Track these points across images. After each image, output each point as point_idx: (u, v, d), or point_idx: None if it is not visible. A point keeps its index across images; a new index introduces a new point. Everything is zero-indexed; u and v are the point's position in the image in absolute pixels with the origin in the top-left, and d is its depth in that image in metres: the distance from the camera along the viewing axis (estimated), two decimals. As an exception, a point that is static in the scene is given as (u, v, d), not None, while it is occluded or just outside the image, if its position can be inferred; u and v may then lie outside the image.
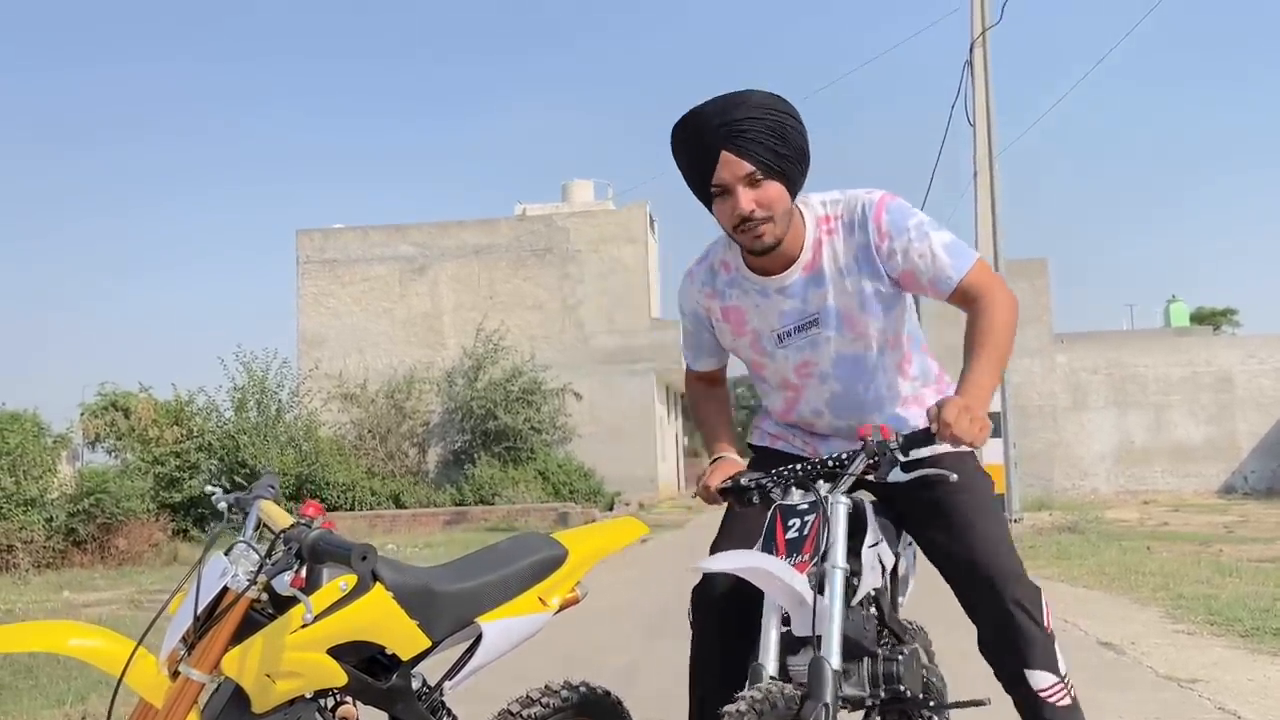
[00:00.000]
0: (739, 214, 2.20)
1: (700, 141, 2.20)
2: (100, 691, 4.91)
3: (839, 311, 2.35)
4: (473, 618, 2.07)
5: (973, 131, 15.34)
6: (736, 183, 2.19)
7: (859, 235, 2.31)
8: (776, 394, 2.56)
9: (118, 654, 1.70)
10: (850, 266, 2.32)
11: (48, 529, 12.96)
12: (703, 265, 2.51)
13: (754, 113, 2.16)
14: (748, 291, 2.41)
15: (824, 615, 2.08)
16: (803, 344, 2.41)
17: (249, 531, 1.90)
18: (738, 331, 2.48)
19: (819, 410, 2.50)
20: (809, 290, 2.35)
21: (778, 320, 2.39)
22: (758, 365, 2.53)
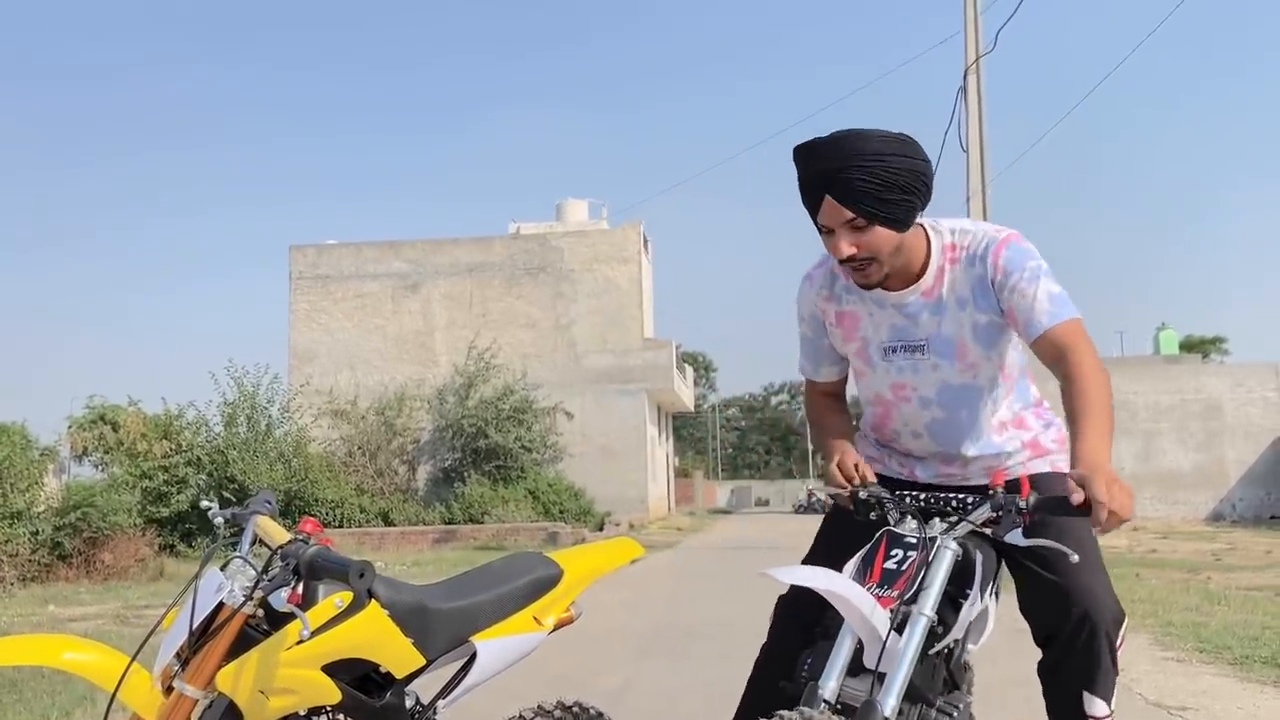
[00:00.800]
0: (840, 256, 2.24)
1: (807, 181, 2.24)
2: (86, 707, 4.87)
3: (951, 340, 2.37)
4: (467, 636, 2.07)
5: (966, 158, 15.42)
6: (838, 227, 2.22)
7: (979, 268, 2.32)
8: (870, 408, 2.60)
9: (112, 668, 1.69)
10: (966, 298, 2.34)
11: (33, 542, 12.86)
12: (822, 269, 2.52)
13: (859, 160, 2.16)
14: (864, 299, 2.43)
15: (893, 657, 2.05)
16: (904, 365, 2.43)
17: (245, 547, 1.89)
18: (849, 337, 2.50)
19: (917, 433, 2.51)
20: (923, 314, 2.37)
21: (888, 334, 2.43)
22: (859, 374, 2.56)
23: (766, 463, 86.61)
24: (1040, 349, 2.27)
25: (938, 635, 2.17)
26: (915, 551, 2.14)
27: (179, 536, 17.93)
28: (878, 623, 2.06)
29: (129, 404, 21.50)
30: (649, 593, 10.24)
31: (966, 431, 2.46)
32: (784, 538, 21.31)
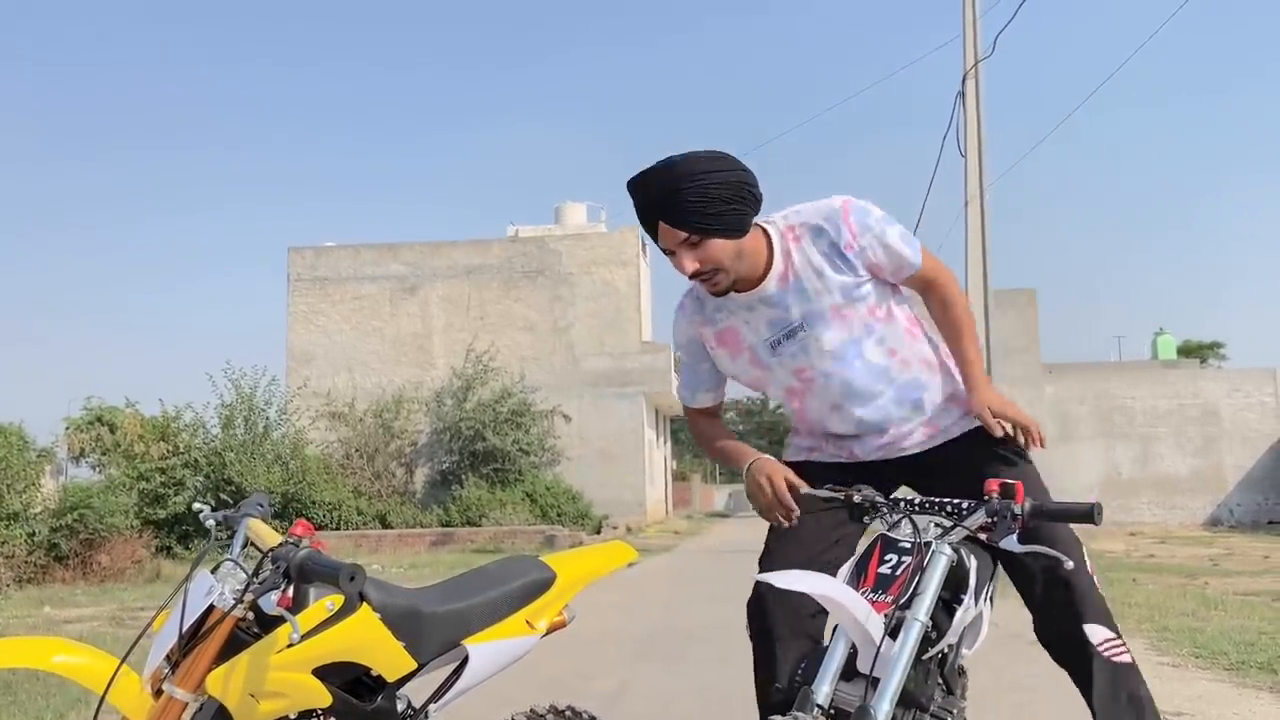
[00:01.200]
0: (685, 274, 2.42)
1: (642, 211, 2.40)
2: (79, 710, 4.86)
3: (822, 310, 2.51)
4: (459, 640, 2.06)
5: (964, 162, 15.44)
6: (677, 247, 2.39)
7: (828, 236, 2.48)
8: (787, 404, 2.70)
9: (102, 671, 1.68)
10: (821, 266, 2.49)
11: (29, 544, 12.84)
12: (689, 296, 2.65)
13: (681, 183, 2.32)
14: (735, 310, 2.55)
15: (887, 662, 2.04)
16: (794, 350, 2.54)
17: (236, 550, 1.89)
18: (735, 351, 2.59)
19: (837, 404, 2.58)
20: (788, 297, 2.51)
21: (767, 329, 2.54)
22: (761, 381, 2.65)
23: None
24: (913, 283, 2.59)
25: (932, 640, 2.17)
26: (910, 556, 2.14)
27: (176, 538, 17.91)
28: (872, 627, 2.05)
29: (126, 405, 21.46)
30: (645, 596, 10.23)
31: (871, 392, 2.56)
32: (781, 541, 21.27)
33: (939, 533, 2.18)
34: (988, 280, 15.36)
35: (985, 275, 15.30)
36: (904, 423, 2.61)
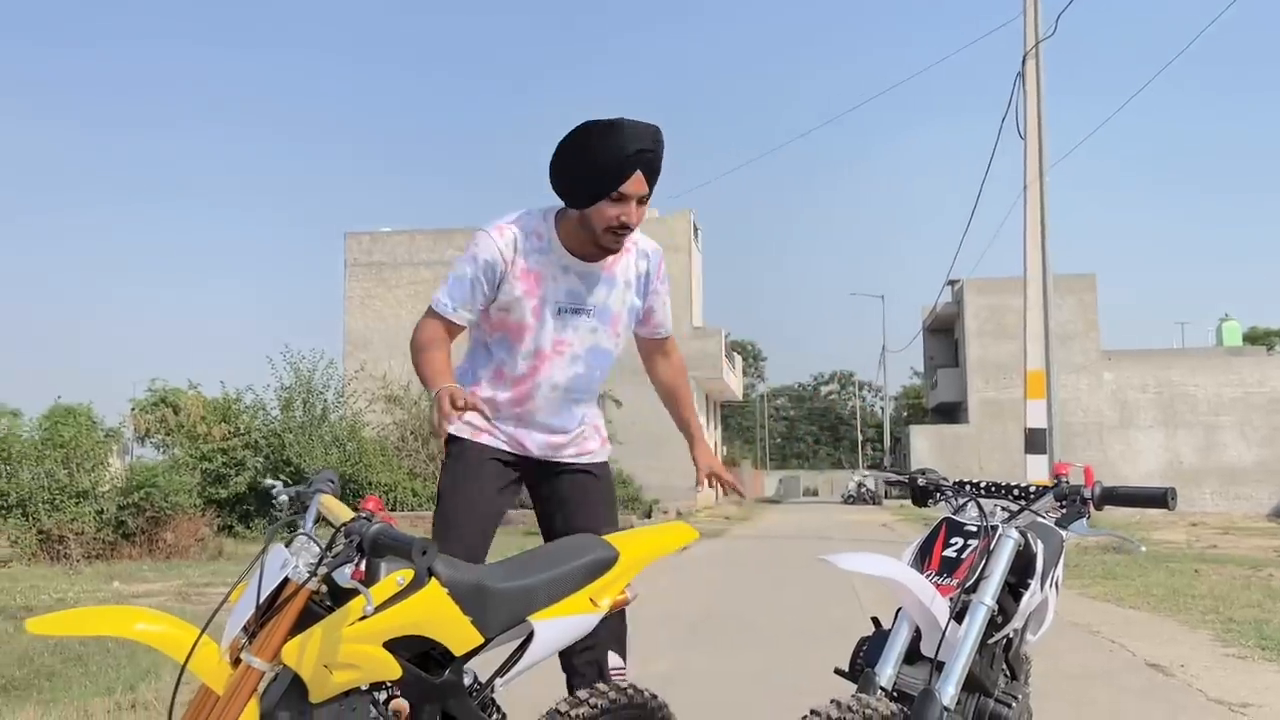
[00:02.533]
0: (624, 221, 2.66)
1: (622, 154, 2.60)
2: (149, 680, 4.99)
3: (611, 312, 2.86)
4: (524, 616, 2.09)
5: (1024, 144, 15.17)
6: (634, 199, 2.65)
7: (646, 265, 2.92)
8: (520, 361, 2.82)
9: (182, 640, 1.74)
10: (631, 283, 2.89)
11: (98, 521, 13.19)
12: (515, 225, 2.81)
13: (658, 147, 2.65)
14: (552, 262, 2.79)
15: (953, 646, 2.04)
16: (570, 323, 2.82)
17: (309, 524, 1.93)
18: (529, 291, 2.78)
19: (556, 385, 2.83)
20: (597, 286, 2.83)
21: (564, 296, 2.80)
22: (524, 329, 2.81)
23: (815, 452, 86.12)
24: (658, 344, 3.10)
25: (997, 625, 2.15)
26: (975, 540, 2.13)
27: (237, 518, 18.28)
28: (937, 611, 2.04)
29: (189, 387, 21.95)
30: (697, 579, 10.25)
31: (588, 390, 2.93)
32: (833, 528, 21.21)
33: (1005, 516, 2.16)
34: (1047, 265, 15.09)
35: (1044, 260, 15.04)
36: (575, 435, 2.92)
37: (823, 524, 23.58)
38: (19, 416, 20.29)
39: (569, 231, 2.78)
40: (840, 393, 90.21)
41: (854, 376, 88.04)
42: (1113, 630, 6.51)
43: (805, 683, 4.76)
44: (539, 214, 2.85)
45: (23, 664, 5.45)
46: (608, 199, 2.65)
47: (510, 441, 2.86)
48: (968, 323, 39.69)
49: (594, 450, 2.97)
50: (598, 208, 2.67)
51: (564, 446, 2.91)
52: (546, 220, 2.83)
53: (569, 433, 2.90)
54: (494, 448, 2.85)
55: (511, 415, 2.85)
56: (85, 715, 4.30)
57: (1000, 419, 36.86)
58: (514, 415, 2.85)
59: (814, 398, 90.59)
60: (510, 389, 2.84)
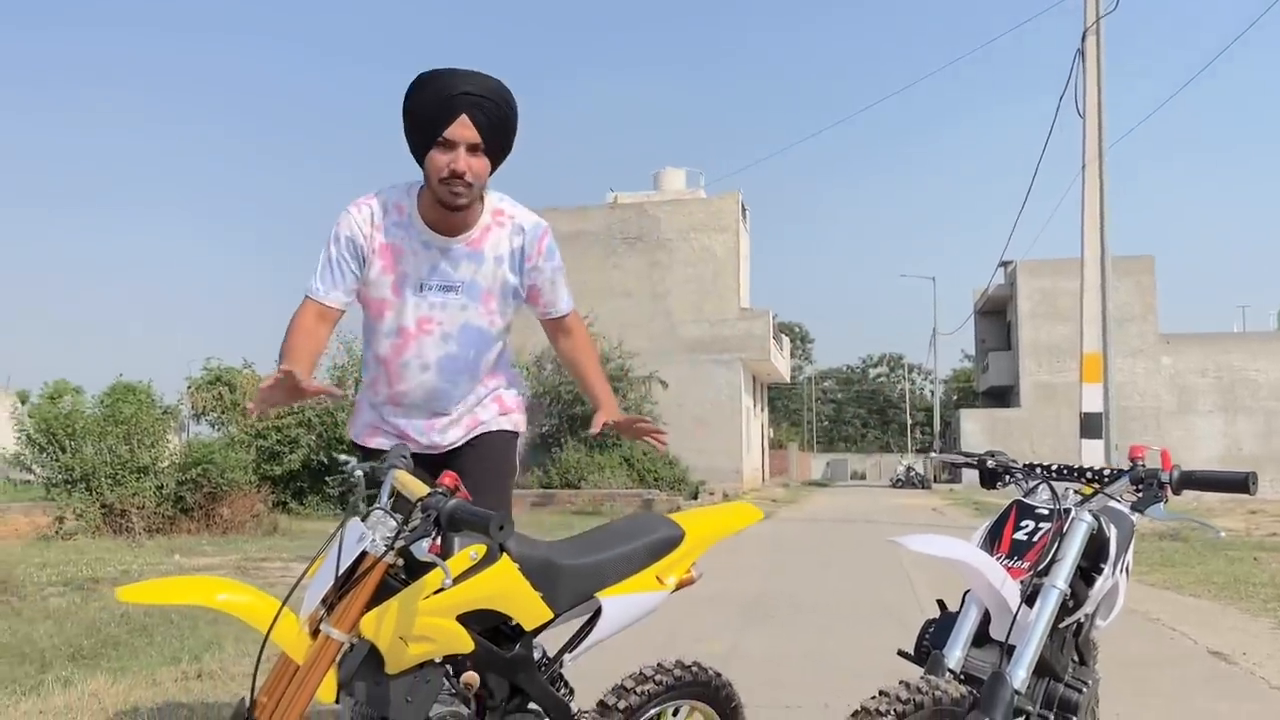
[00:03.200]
0: (453, 169, 2.52)
1: (448, 97, 2.50)
2: (214, 652, 5.11)
3: (481, 288, 2.72)
4: (593, 592, 2.11)
5: (1083, 123, 14.87)
6: (462, 144, 2.52)
7: (521, 240, 2.75)
8: (384, 341, 2.74)
9: (263, 611, 1.78)
10: (503, 258, 2.74)
11: (158, 496, 13.49)
12: (374, 200, 2.71)
13: (493, 96, 2.54)
14: (412, 237, 2.68)
15: (1024, 629, 2.02)
16: (435, 301, 2.70)
17: (384, 499, 1.96)
18: (387, 268, 2.68)
19: (426, 365, 2.72)
20: (463, 261, 2.70)
21: (427, 272, 2.69)
22: (384, 306, 2.71)
23: (863, 435, 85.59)
24: (555, 324, 2.94)
25: (1068, 609, 2.13)
26: (1047, 523, 2.10)
27: (291, 494, 18.57)
28: (1008, 594, 2.03)
29: (244, 366, 22.29)
30: (748, 561, 10.25)
31: (466, 369, 2.77)
32: (881, 511, 21.08)
33: (1079, 500, 2.13)
34: (1105, 246, 14.80)
35: (1102, 241, 14.76)
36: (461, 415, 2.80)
37: (871, 507, 23.46)
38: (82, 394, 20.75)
39: (429, 204, 2.67)
40: (889, 375, 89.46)
41: (903, 359, 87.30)
42: (1173, 618, 6.42)
43: (860, 664, 4.76)
44: (403, 187, 2.75)
45: (91, 633, 5.61)
46: (436, 146, 2.54)
47: (398, 433, 2.77)
48: (1021, 305, 39.13)
49: (485, 421, 2.82)
50: (430, 157, 2.57)
51: (449, 428, 2.78)
52: (410, 194, 2.72)
53: (449, 415, 2.78)
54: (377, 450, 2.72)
55: (390, 402, 2.78)
56: (154, 683, 4.41)
57: (1053, 403, 36.35)
58: (393, 401, 2.77)
59: (862, 380, 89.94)
60: (383, 370, 2.76)
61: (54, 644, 5.28)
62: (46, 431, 14.09)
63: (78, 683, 4.39)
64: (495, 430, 2.83)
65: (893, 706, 1.89)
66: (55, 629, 5.74)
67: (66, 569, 8.92)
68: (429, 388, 2.74)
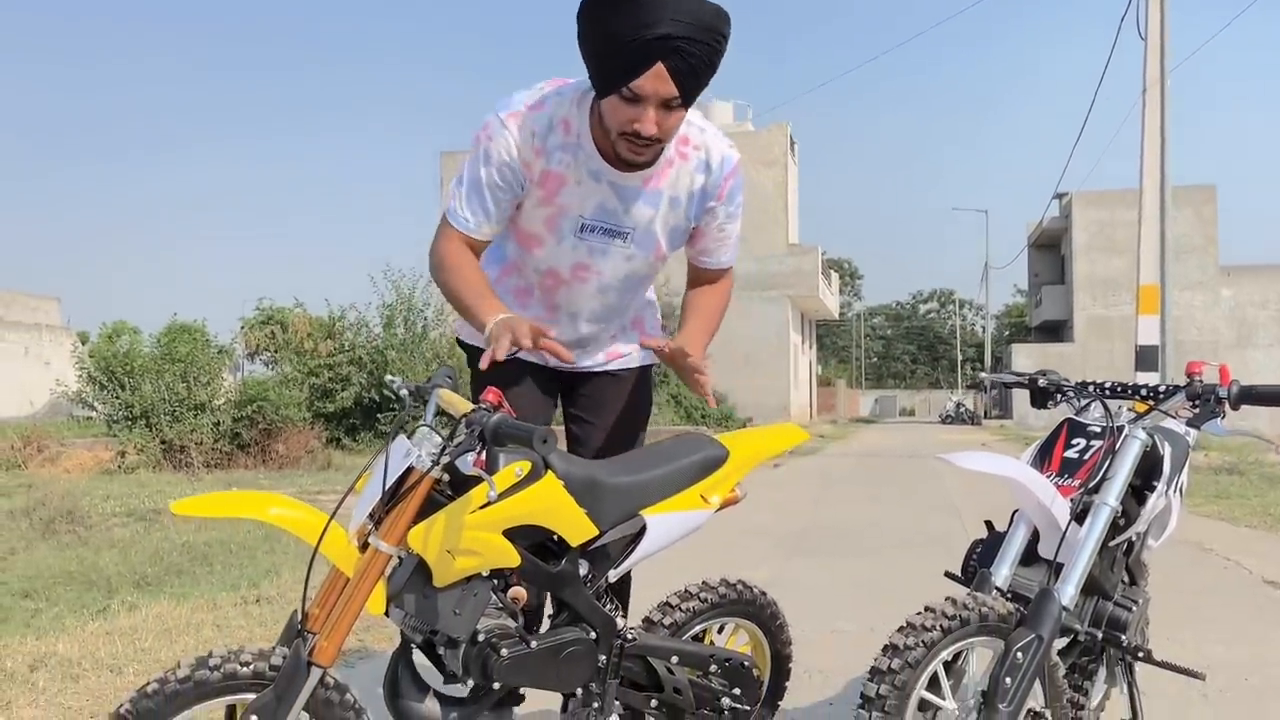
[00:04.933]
0: (638, 130, 2.05)
1: (640, 38, 1.95)
2: (271, 579, 5.25)
3: (654, 235, 2.31)
4: (637, 510, 2.12)
5: (1144, 45, 14.36)
6: (654, 99, 2.02)
7: (704, 180, 2.27)
8: (530, 273, 2.37)
9: (313, 525, 1.80)
10: (680, 200, 2.28)
11: (215, 432, 13.83)
12: (537, 112, 2.18)
13: (704, 36, 1.98)
14: (579, 164, 2.19)
15: (1073, 547, 2.00)
16: (597, 247, 2.29)
17: (429, 416, 1.97)
18: (546, 199, 2.23)
19: (575, 314, 2.41)
20: (637, 203, 2.25)
21: (592, 210, 2.24)
22: (534, 242, 2.31)
23: (913, 372, 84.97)
24: (706, 274, 2.46)
25: (1120, 528, 2.10)
26: (1099, 440, 2.07)
27: (344, 430, 18.92)
28: (1058, 512, 2.00)
29: (295, 306, 22.59)
30: (794, 495, 10.27)
31: (618, 315, 2.48)
32: (930, 447, 20.97)
33: (1132, 417, 2.09)
34: (1165, 175, 14.38)
35: (1163, 170, 14.33)
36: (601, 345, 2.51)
37: (919, 443, 23.35)
38: (140, 333, 21.22)
39: (602, 125, 2.15)
40: (940, 311, 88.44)
41: (954, 295, 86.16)
42: (1226, 548, 6.34)
43: (907, 590, 4.77)
44: (572, 95, 2.19)
45: (154, 561, 5.79)
46: (618, 94, 2.03)
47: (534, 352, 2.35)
48: (1076, 237, 38.29)
49: (626, 354, 2.54)
50: (610, 102, 2.06)
51: (585, 356, 2.49)
52: (581, 106, 2.18)
53: (595, 347, 2.50)
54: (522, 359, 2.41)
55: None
56: (214, 607, 4.55)
57: (1108, 337, 35.72)
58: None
59: (912, 316, 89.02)
60: (518, 298, 2.41)
61: (119, 571, 5.46)
62: (106, 370, 14.47)
63: (142, 606, 4.54)
64: (635, 366, 2.55)
65: (938, 622, 1.89)
66: (120, 557, 5.93)
67: (129, 501, 9.20)
68: (575, 334, 2.43)
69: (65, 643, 3.84)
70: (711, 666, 2.23)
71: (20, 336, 33.05)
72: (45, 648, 3.77)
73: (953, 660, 1.96)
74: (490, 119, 2.19)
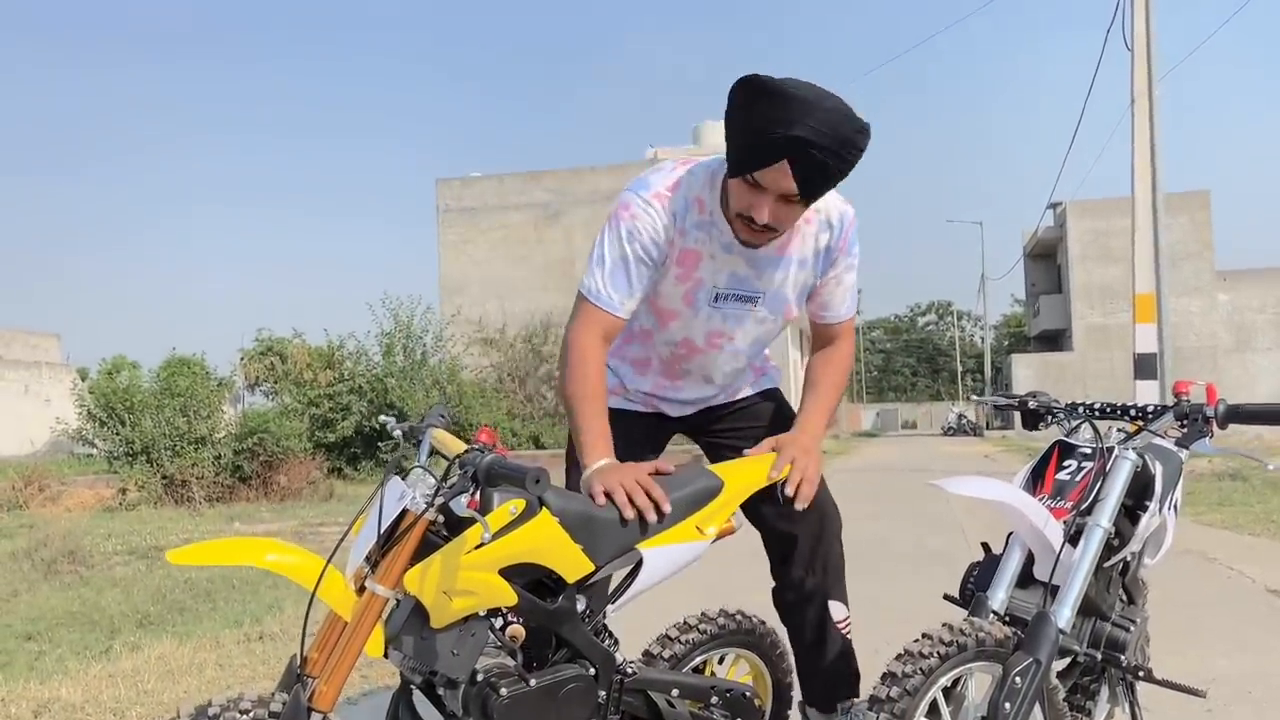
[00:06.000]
0: (753, 215, 2.12)
1: (772, 131, 2.01)
2: (274, 614, 5.25)
3: (784, 297, 2.37)
4: (633, 544, 2.12)
5: (1131, 56, 14.45)
6: (774, 191, 2.08)
7: (828, 235, 2.33)
8: (660, 348, 2.44)
9: (310, 570, 1.81)
10: (807, 260, 2.34)
11: (216, 465, 13.83)
12: (676, 193, 2.26)
13: (837, 146, 2.02)
14: (713, 239, 2.27)
15: (1068, 569, 2.01)
16: (730, 313, 2.36)
17: (424, 457, 1.98)
18: (685, 276, 2.30)
19: (709, 378, 2.49)
20: (769, 268, 2.31)
21: (725, 280, 2.31)
22: (671, 317, 2.38)
23: (913, 384, 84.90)
24: (822, 330, 2.47)
25: (1114, 548, 2.11)
26: (1090, 462, 2.08)
27: (345, 460, 18.92)
28: (1051, 534, 2.01)
29: (294, 336, 22.65)
30: (797, 513, 10.22)
31: (745, 372, 2.55)
32: (933, 460, 20.95)
33: (1122, 437, 2.10)
34: (1157, 183, 14.44)
35: (1154, 177, 14.39)
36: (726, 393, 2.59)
37: (922, 456, 23.32)
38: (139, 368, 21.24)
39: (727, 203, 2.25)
40: (938, 323, 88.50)
41: (952, 306, 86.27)
42: (1230, 557, 6.33)
43: (911, 610, 4.75)
44: (704, 175, 2.27)
45: (157, 600, 5.79)
46: (743, 179, 2.11)
47: (645, 404, 2.55)
48: (1071, 247, 38.37)
49: (746, 392, 2.62)
50: (735, 183, 2.14)
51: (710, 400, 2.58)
52: (713, 185, 2.26)
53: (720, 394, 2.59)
54: (629, 410, 2.51)
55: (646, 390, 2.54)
56: (217, 645, 4.54)
57: (1106, 345, 35.74)
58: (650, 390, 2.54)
59: (911, 329, 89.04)
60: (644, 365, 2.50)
61: (121, 610, 5.46)
62: (106, 406, 14.49)
63: (145, 647, 4.54)
64: (758, 391, 2.62)
65: (935, 649, 1.89)
66: (122, 596, 5.93)
67: (131, 538, 9.19)
68: (702, 393, 2.52)
69: (69, 687, 3.84)
70: (713, 698, 2.23)
71: (20, 374, 33.05)
72: (49, 693, 3.77)
73: (952, 686, 1.96)
74: (632, 198, 2.25)
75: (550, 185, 30.56)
